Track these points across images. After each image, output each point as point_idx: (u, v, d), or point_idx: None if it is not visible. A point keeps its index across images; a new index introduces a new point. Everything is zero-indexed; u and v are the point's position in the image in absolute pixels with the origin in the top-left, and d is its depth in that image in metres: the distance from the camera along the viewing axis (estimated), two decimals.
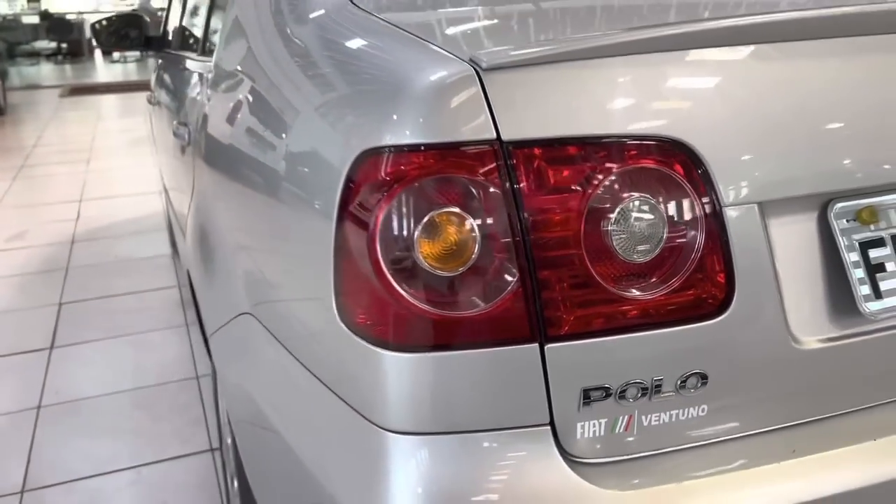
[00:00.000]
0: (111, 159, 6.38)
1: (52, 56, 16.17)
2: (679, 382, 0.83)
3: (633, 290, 0.80)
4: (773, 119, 0.83)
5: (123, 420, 2.43)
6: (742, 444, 0.87)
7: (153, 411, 2.48)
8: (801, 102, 0.85)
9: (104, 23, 3.16)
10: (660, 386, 0.82)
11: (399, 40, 0.89)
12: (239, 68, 1.28)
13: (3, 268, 3.82)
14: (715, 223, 0.81)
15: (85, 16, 15.78)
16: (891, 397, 0.93)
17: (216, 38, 1.62)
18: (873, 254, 0.88)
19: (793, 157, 0.84)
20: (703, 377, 0.83)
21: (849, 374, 0.90)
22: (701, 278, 0.81)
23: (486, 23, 0.97)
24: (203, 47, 1.74)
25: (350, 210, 0.80)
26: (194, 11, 2.29)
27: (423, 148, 0.77)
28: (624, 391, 0.81)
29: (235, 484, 1.55)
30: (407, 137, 0.77)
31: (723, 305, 0.82)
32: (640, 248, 0.79)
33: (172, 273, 3.71)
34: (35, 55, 16.25)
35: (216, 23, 1.70)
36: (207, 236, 1.36)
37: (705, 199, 0.81)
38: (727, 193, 0.81)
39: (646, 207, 0.79)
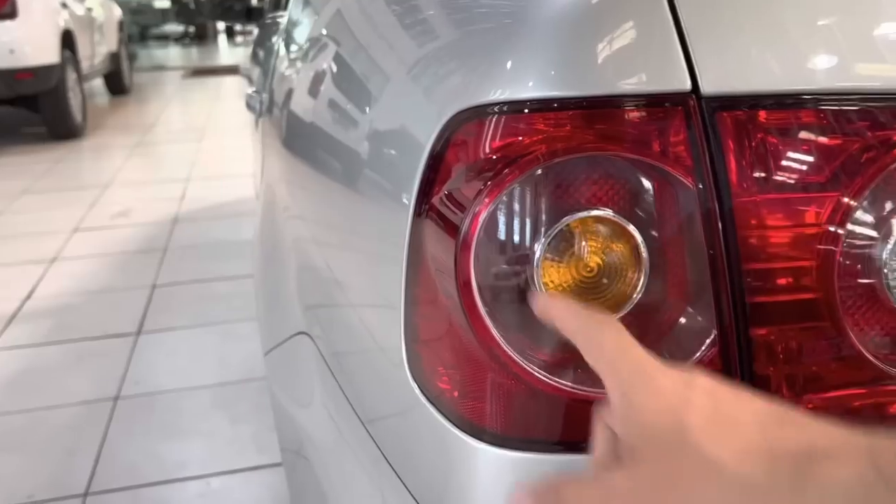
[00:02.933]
0: (222, 139, 6.36)
1: (180, 39, 16.75)
2: None
3: None
4: None
5: (200, 420, 2.23)
6: None
7: (232, 411, 2.27)
8: None
9: None
10: None
11: None
12: (312, 19, 0.99)
13: (106, 245, 3.76)
14: None
15: None
16: None
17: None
18: None
19: None
20: None
21: None
22: None
23: None
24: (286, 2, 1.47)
25: (433, 206, 0.49)
26: None
27: (556, 105, 0.44)
28: None
29: None
30: (530, 89, 0.45)
31: None
32: None
33: None
34: (165, 38, 16.90)
35: None
36: (269, 233, 1.09)
37: None
38: None
39: None
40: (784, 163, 0.43)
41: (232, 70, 11.12)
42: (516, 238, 0.46)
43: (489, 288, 0.46)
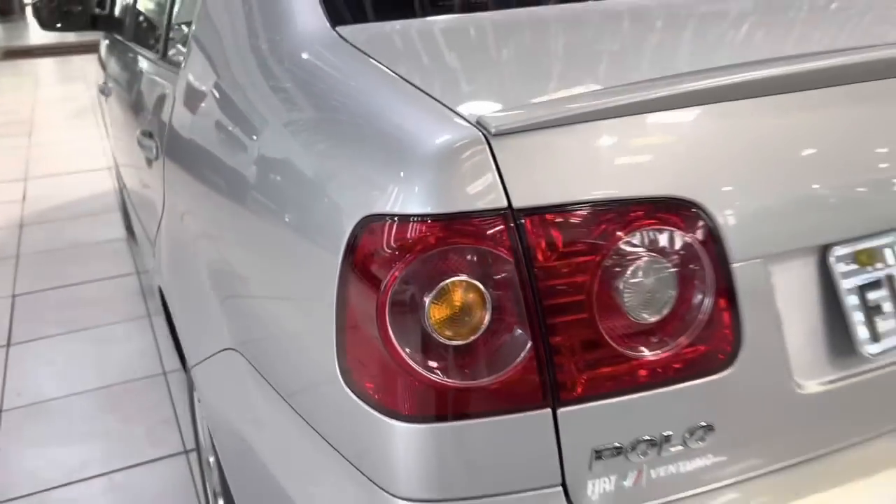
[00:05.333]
0: (55, 132, 6.13)
1: None
2: (687, 435, 0.83)
3: (644, 350, 0.80)
4: (775, 173, 0.83)
5: (92, 422, 2.37)
6: (747, 486, 0.88)
7: (122, 412, 2.43)
8: (799, 155, 0.85)
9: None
10: (669, 440, 0.83)
11: (397, 90, 0.86)
12: (216, 99, 1.22)
13: None
14: (723, 279, 0.81)
15: None
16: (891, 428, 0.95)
17: (180, 47, 1.54)
18: (871, 296, 0.89)
19: (796, 210, 0.84)
20: (710, 428, 0.84)
21: (850, 412, 0.91)
22: (710, 334, 0.81)
23: (488, 74, 0.94)
24: (164, 51, 1.66)
25: (354, 276, 0.78)
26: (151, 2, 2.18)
27: (429, 220, 0.74)
28: (634, 448, 0.81)
29: (221, 502, 1.53)
30: (413, 206, 0.75)
31: (730, 359, 0.83)
32: (651, 307, 0.78)
33: (129, 259, 3.61)
34: None
35: (180, 27, 1.62)
36: (187, 261, 1.31)
37: (713, 256, 0.80)
38: (734, 249, 0.81)
39: (656, 267, 0.78)
40: (564, 246, 0.75)
41: (50, 51, 10.47)
42: (411, 295, 0.75)
43: (398, 329, 0.75)
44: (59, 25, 2.96)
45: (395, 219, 0.75)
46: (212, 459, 1.54)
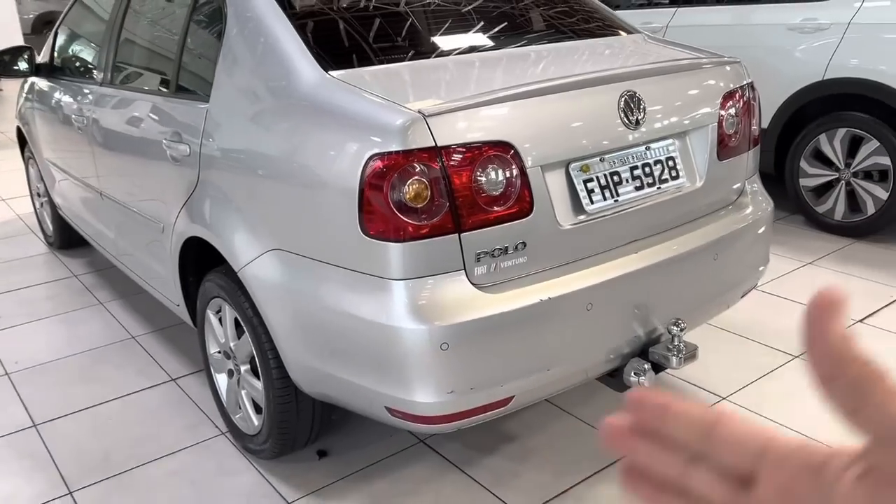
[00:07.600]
0: None
1: None
2: (514, 246, 1.90)
3: (495, 207, 1.86)
4: (546, 127, 1.93)
5: (89, 371, 3.11)
6: (542, 274, 1.96)
7: (110, 363, 3.19)
8: (556, 121, 1.95)
9: None
10: (507, 248, 1.89)
11: (375, 100, 1.87)
12: (254, 110, 2.17)
13: None
14: (524, 176, 1.89)
15: None
16: (606, 248, 2.07)
17: (196, 87, 2.46)
18: (588, 185, 2.01)
19: (555, 144, 1.94)
20: (524, 244, 1.91)
21: (585, 239, 2.02)
22: (519, 201, 1.89)
23: (422, 89, 1.96)
24: (175, 88, 2.56)
25: (368, 182, 1.78)
26: (132, 51, 3.02)
27: (401, 153, 1.76)
28: (492, 252, 1.87)
29: (242, 368, 2.43)
30: (394, 147, 1.76)
31: (529, 212, 1.90)
32: (495, 188, 1.85)
33: (61, 266, 4.27)
34: None
35: (188, 73, 2.53)
36: (225, 212, 2.24)
37: (519, 166, 1.88)
38: (527, 163, 1.89)
39: (495, 171, 1.84)
40: (459, 162, 1.79)
41: None
42: (396, 190, 1.76)
43: (394, 202, 1.76)
44: (9, 74, 3.68)
45: (386, 154, 1.76)
46: (233, 345, 2.44)
